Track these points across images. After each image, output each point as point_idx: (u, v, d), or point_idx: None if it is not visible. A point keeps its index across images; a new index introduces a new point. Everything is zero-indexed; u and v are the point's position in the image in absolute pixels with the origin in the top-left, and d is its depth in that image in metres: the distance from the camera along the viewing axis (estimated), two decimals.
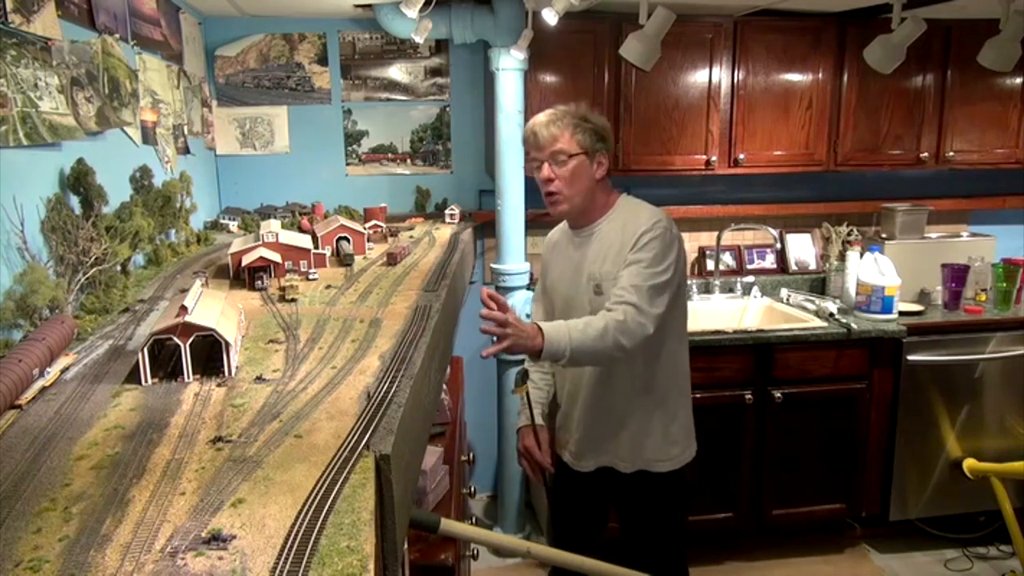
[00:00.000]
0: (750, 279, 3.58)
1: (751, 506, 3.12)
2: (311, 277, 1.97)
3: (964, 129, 3.37)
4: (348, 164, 3.41)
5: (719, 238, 3.54)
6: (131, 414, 1.10)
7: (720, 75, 3.16)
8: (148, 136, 2.27)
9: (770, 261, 3.72)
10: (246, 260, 1.89)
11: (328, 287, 1.87)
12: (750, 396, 3.00)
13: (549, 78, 3.09)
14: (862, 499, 3.20)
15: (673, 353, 1.96)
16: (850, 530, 3.28)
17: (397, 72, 3.35)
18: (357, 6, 3.00)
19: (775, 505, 3.13)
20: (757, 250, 3.72)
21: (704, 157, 3.21)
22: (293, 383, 1.21)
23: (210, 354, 1.28)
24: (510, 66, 2.92)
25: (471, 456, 2.92)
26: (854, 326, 3.03)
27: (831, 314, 3.17)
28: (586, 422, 2.00)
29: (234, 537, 0.77)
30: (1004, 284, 3.24)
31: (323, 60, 3.30)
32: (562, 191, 1.89)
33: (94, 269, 1.61)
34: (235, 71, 3.25)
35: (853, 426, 3.13)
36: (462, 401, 2.92)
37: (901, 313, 3.15)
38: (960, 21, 3.17)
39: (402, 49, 3.32)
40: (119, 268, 1.77)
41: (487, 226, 3.38)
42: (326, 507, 0.82)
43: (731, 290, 3.57)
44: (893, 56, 2.32)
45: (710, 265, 3.62)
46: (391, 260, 2.16)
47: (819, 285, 3.66)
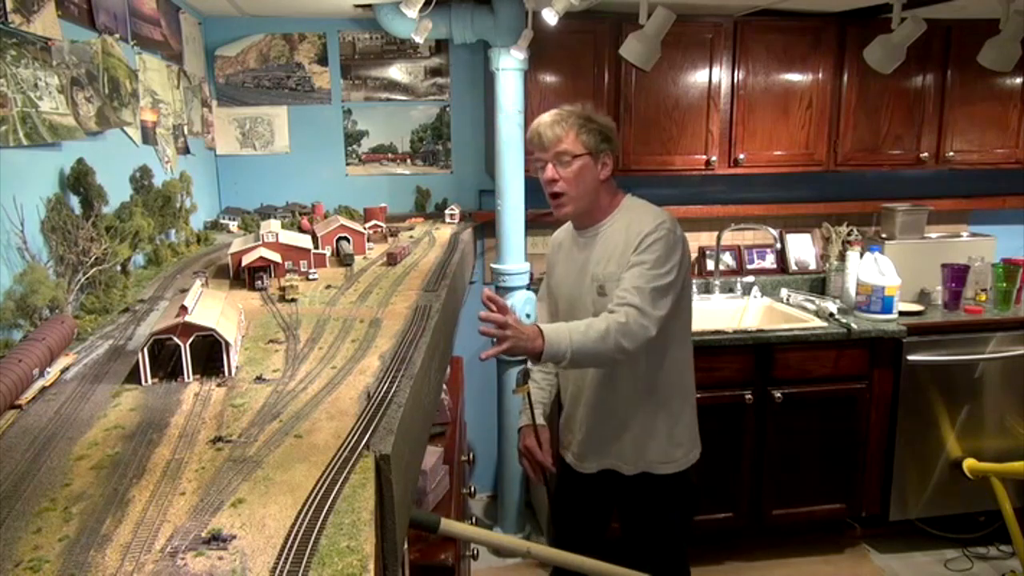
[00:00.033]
0: (750, 279, 3.58)
1: (751, 506, 3.12)
2: (311, 277, 1.97)
3: (964, 129, 3.37)
4: (348, 164, 3.41)
5: (719, 238, 3.54)
6: (131, 414, 1.10)
7: (720, 75, 3.16)
8: (148, 136, 2.27)
9: (770, 261, 3.72)
10: (246, 260, 1.89)
11: (328, 287, 1.87)
12: (750, 396, 3.00)
13: (549, 78, 3.09)
14: (862, 499, 3.20)
15: (677, 355, 1.95)
16: (850, 530, 3.28)
17: (397, 72, 3.35)
18: (357, 6, 3.00)
19: (775, 505, 3.13)
20: (757, 250, 3.72)
21: (704, 157, 3.21)
22: (293, 383, 1.21)
23: (210, 354, 1.28)
24: (510, 66, 2.91)
25: (471, 456, 2.92)
26: (854, 326, 3.03)
27: (831, 314, 3.17)
28: (589, 423, 2.00)
29: (234, 537, 0.77)
30: (1004, 284, 3.24)
31: (323, 60, 3.30)
32: (566, 192, 1.88)
33: (94, 269, 1.61)
34: (235, 71, 3.25)
35: (853, 426, 3.13)
36: (462, 401, 2.92)
37: (901, 313, 3.15)
38: (960, 21, 3.17)
39: (402, 49, 3.32)
40: (119, 268, 1.77)
41: (487, 226, 3.38)
42: (326, 507, 0.82)
43: (731, 290, 3.57)
44: (893, 56, 2.32)
45: (710, 265, 3.62)
46: (391, 260, 2.15)
47: (819, 285, 3.67)
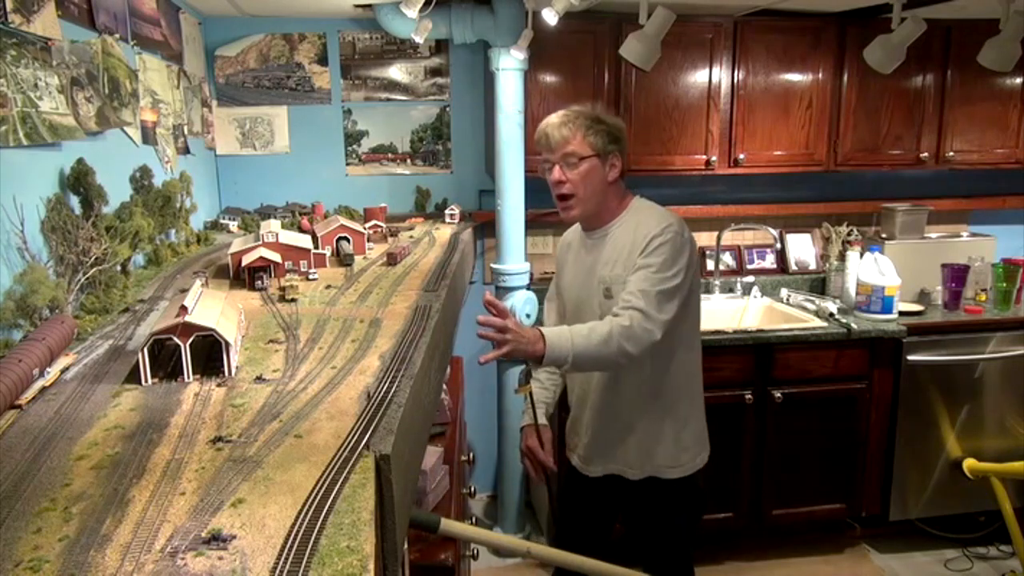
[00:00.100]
0: (750, 279, 3.58)
1: (751, 506, 3.12)
2: (311, 277, 1.97)
3: (964, 129, 3.37)
4: (348, 164, 3.41)
5: (719, 238, 3.54)
6: (131, 414, 1.10)
7: (720, 75, 3.16)
8: (148, 136, 2.27)
9: (770, 261, 3.72)
10: (246, 260, 1.89)
11: (328, 287, 1.87)
12: (750, 396, 3.00)
13: (549, 78, 3.10)
14: (862, 499, 3.20)
15: (684, 358, 1.92)
16: (850, 530, 3.28)
17: (397, 72, 3.35)
18: (357, 6, 3.00)
19: (775, 505, 3.14)
20: (757, 250, 3.72)
21: (704, 157, 3.21)
22: (293, 383, 1.21)
23: (210, 354, 1.28)
24: (510, 66, 2.91)
25: (471, 456, 2.92)
26: (854, 326, 3.03)
27: (831, 314, 3.17)
28: (595, 427, 1.98)
29: (234, 537, 0.77)
30: (1004, 284, 3.24)
31: (323, 60, 3.30)
32: (574, 194, 1.86)
33: (94, 269, 1.61)
34: (235, 71, 3.25)
35: (853, 426, 3.13)
36: (462, 401, 2.92)
37: (901, 313, 3.15)
38: (960, 21, 3.17)
39: (402, 49, 3.32)
40: (119, 268, 1.77)
41: (487, 226, 3.38)
42: (326, 507, 0.82)
43: (731, 290, 3.57)
44: (893, 56, 2.32)
45: (710, 265, 3.62)
46: (391, 260, 2.15)
47: (819, 285, 3.67)
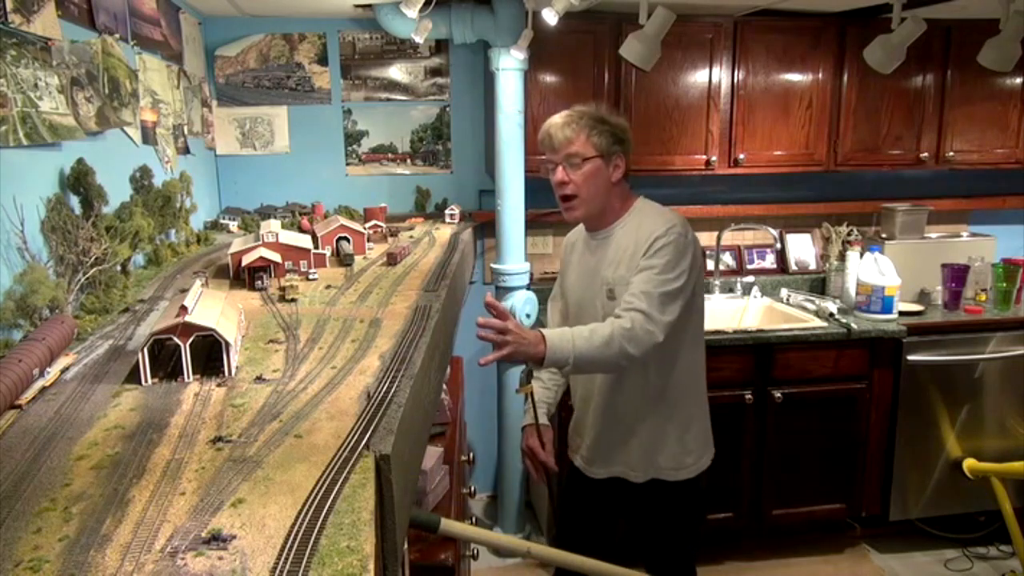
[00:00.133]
0: (750, 279, 3.58)
1: (751, 506, 3.12)
2: (311, 277, 1.97)
3: (964, 129, 3.37)
4: (348, 164, 3.41)
5: (719, 238, 3.54)
6: (131, 414, 1.10)
7: (720, 75, 3.16)
8: (148, 136, 2.27)
9: (770, 261, 3.72)
10: (246, 260, 1.89)
11: (328, 287, 1.87)
12: (750, 396, 3.00)
13: (549, 78, 3.10)
14: (862, 499, 3.20)
15: (688, 360, 1.91)
16: (850, 530, 3.28)
17: (397, 72, 3.35)
18: (357, 6, 3.00)
19: (775, 505, 3.13)
20: (757, 250, 3.72)
21: (704, 157, 3.21)
22: (293, 383, 1.21)
23: (210, 354, 1.28)
24: (510, 66, 2.91)
25: (471, 456, 2.92)
26: (854, 326, 3.03)
27: (831, 314, 3.17)
28: (598, 428, 1.97)
29: (234, 537, 0.77)
30: (1004, 284, 3.24)
31: (323, 60, 3.30)
32: (576, 195, 1.85)
33: (94, 269, 1.61)
34: (235, 71, 3.25)
35: (853, 426, 3.13)
36: (462, 401, 2.92)
37: (901, 313, 3.15)
38: (960, 21, 3.17)
39: (402, 49, 3.32)
40: (119, 268, 1.77)
41: (487, 226, 3.38)
42: (326, 507, 0.82)
43: (731, 290, 3.57)
44: (893, 56, 2.31)
45: (710, 265, 3.62)
46: (391, 260, 2.15)
47: (819, 285, 3.66)
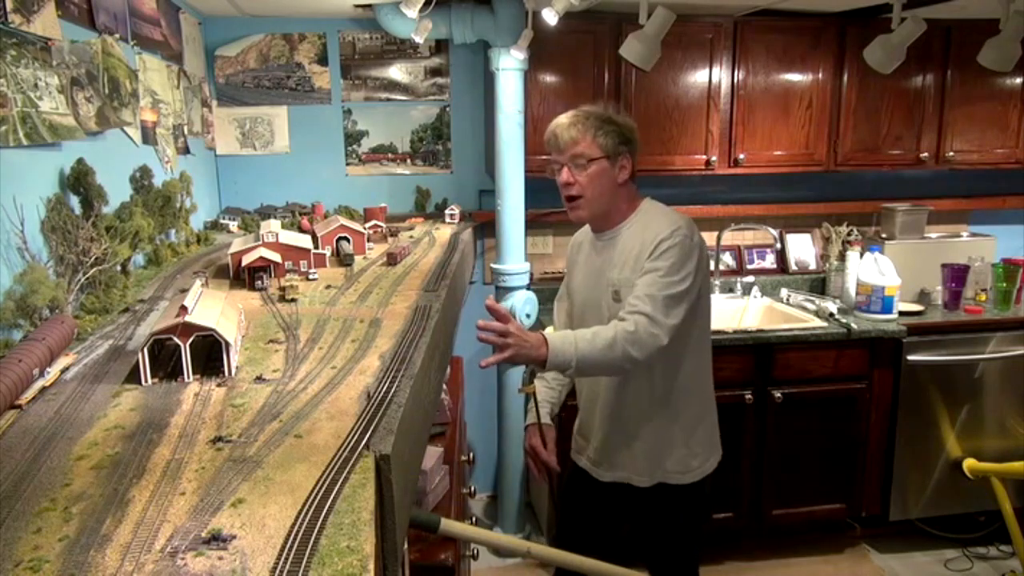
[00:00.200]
0: (750, 279, 3.58)
1: (751, 506, 3.12)
2: (311, 277, 1.97)
3: (964, 129, 3.37)
4: (348, 164, 3.41)
5: (719, 238, 3.54)
6: (131, 414, 1.10)
7: (720, 75, 3.16)
8: (148, 136, 2.27)
9: (770, 261, 3.72)
10: (246, 260, 1.89)
11: (328, 287, 1.87)
12: (750, 396, 3.00)
13: (549, 78, 3.10)
14: (862, 499, 3.20)
15: (694, 363, 1.90)
16: (850, 530, 3.28)
17: (397, 72, 3.35)
18: (357, 6, 3.00)
19: (775, 505, 3.13)
20: (757, 250, 3.72)
21: (704, 157, 3.21)
22: (293, 383, 1.21)
23: (210, 354, 1.28)
24: (510, 66, 2.91)
25: (471, 456, 2.91)
26: (854, 326, 3.03)
27: (831, 314, 3.17)
28: (604, 431, 1.96)
29: (234, 537, 0.77)
30: (1004, 284, 3.24)
31: (323, 60, 3.30)
32: (582, 195, 1.85)
33: (94, 269, 1.61)
34: (235, 71, 3.25)
35: (853, 426, 3.13)
36: (462, 401, 2.92)
37: (901, 313, 3.15)
38: (960, 21, 3.17)
39: (402, 49, 3.32)
40: (119, 268, 1.77)
41: (487, 226, 3.38)
42: (326, 507, 0.82)
43: (731, 290, 3.57)
44: (893, 56, 2.31)
45: (710, 265, 3.62)
46: (391, 260, 2.15)
47: (819, 285, 3.66)
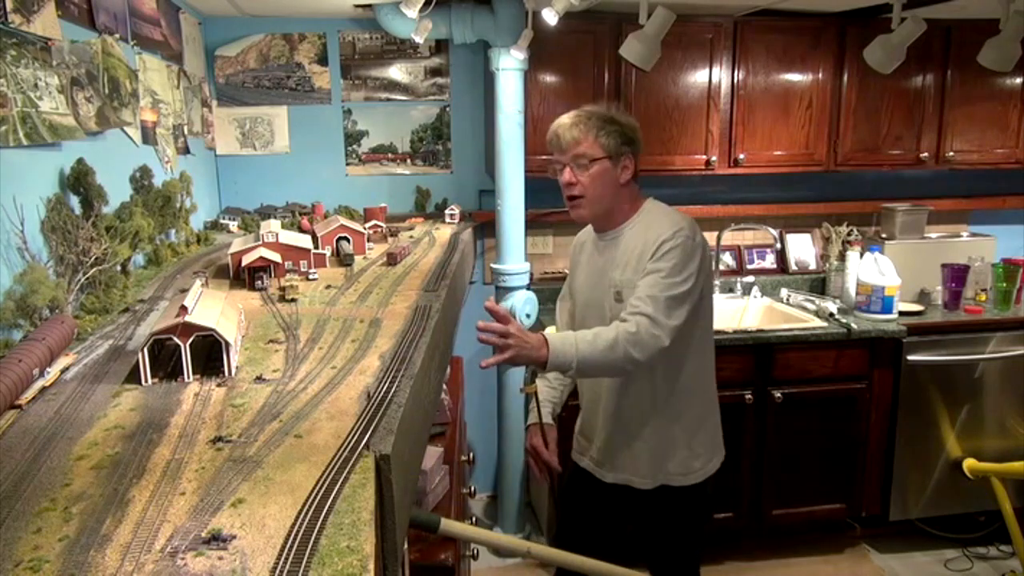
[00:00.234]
0: (750, 279, 3.58)
1: (751, 506, 3.12)
2: (311, 277, 1.97)
3: (964, 129, 3.37)
4: (348, 164, 3.41)
5: (719, 238, 3.54)
6: (131, 414, 1.10)
7: (720, 75, 3.16)
8: (148, 136, 2.27)
9: (770, 261, 3.72)
10: (246, 260, 1.89)
11: (328, 287, 1.87)
12: (750, 396, 3.00)
13: (549, 78, 3.10)
14: (862, 499, 3.20)
15: (696, 364, 1.90)
16: (850, 530, 3.28)
17: (397, 72, 3.35)
18: (357, 6, 3.00)
19: (775, 505, 3.13)
20: (757, 250, 3.72)
21: (704, 157, 3.21)
22: (293, 383, 1.21)
23: (210, 354, 1.28)
24: (510, 66, 2.91)
25: (471, 456, 2.91)
26: (854, 326, 3.03)
27: (831, 314, 3.17)
28: (607, 431, 1.95)
29: (234, 537, 0.77)
30: (1004, 284, 3.24)
31: (323, 60, 3.30)
32: (583, 195, 1.84)
33: (94, 269, 1.61)
34: (235, 71, 3.25)
35: (853, 426, 3.13)
36: (462, 401, 2.92)
37: (901, 313, 3.15)
38: (960, 21, 3.17)
39: (402, 49, 3.32)
40: (119, 268, 1.77)
41: (487, 226, 3.38)
42: (326, 507, 0.82)
43: (731, 290, 3.57)
44: (893, 56, 2.31)
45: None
46: (391, 260, 2.15)
47: (819, 285, 3.66)
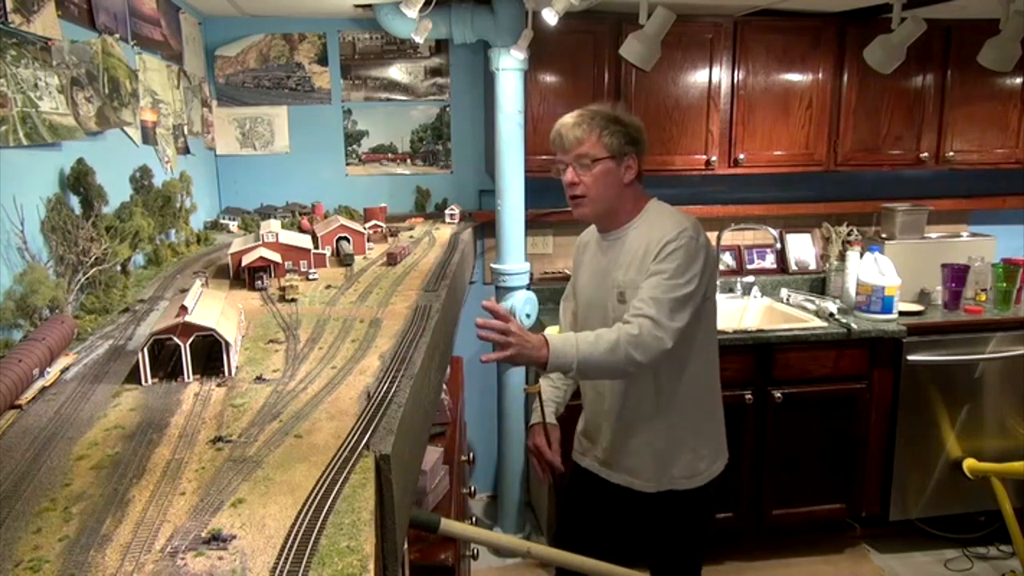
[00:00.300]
0: (750, 279, 3.58)
1: (751, 506, 3.12)
2: (311, 277, 1.97)
3: (964, 129, 3.37)
4: (348, 164, 3.41)
5: (719, 238, 3.54)
6: (131, 414, 1.10)
7: (720, 75, 3.16)
8: (148, 136, 2.27)
9: (770, 261, 3.72)
10: (246, 260, 1.89)
11: (328, 287, 1.86)
12: (750, 396, 3.00)
13: (549, 78, 3.10)
14: (862, 499, 3.21)
15: (700, 366, 1.89)
16: (850, 530, 3.28)
17: (397, 72, 3.35)
18: (357, 6, 3.00)
19: (775, 505, 3.14)
20: (757, 250, 3.72)
21: (704, 157, 3.21)
22: (293, 383, 1.21)
23: (210, 354, 1.28)
24: (510, 66, 2.91)
25: (471, 456, 2.91)
26: (854, 326, 3.03)
27: (831, 314, 3.17)
28: (611, 433, 1.94)
29: (234, 537, 0.77)
30: (1004, 284, 3.24)
31: (323, 60, 3.30)
32: (586, 195, 1.83)
33: (94, 269, 1.61)
34: (235, 71, 3.25)
35: (853, 426, 3.13)
36: (462, 401, 2.92)
37: (901, 313, 3.15)
38: (960, 21, 3.17)
39: (402, 49, 3.32)
40: (119, 268, 1.77)
41: (487, 226, 3.38)
42: (326, 507, 0.82)
43: (731, 290, 3.57)
44: (893, 56, 2.32)
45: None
46: (391, 260, 2.15)
47: (819, 285, 3.67)
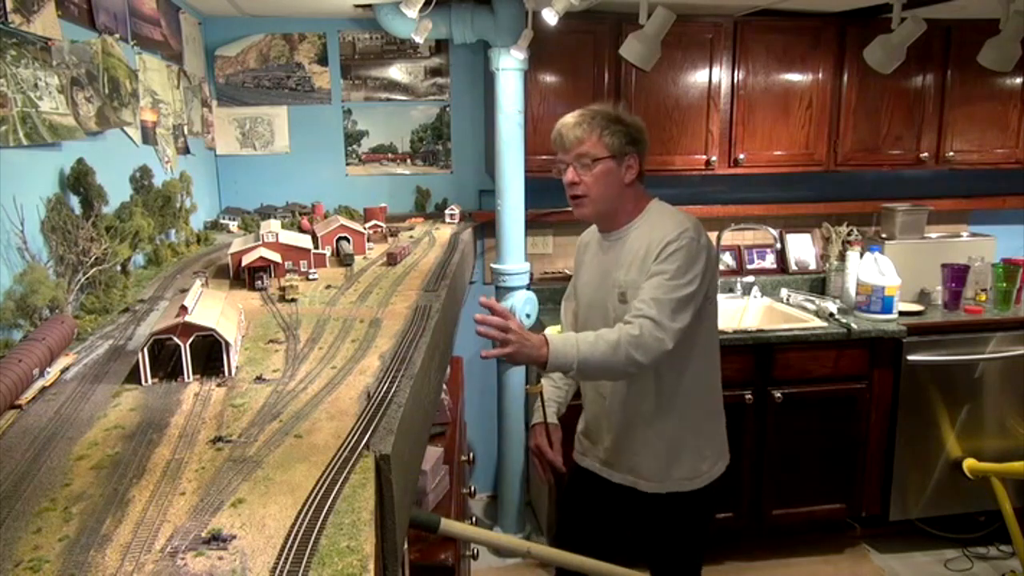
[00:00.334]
0: (750, 279, 3.58)
1: (751, 506, 3.12)
2: (311, 277, 1.97)
3: (964, 129, 3.37)
4: (348, 164, 3.41)
5: (719, 238, 3.54)
6: (131, 414, 1.10)
7: (720, 75, 3.16)
8: (148, 136, 2.27)
9: (770, 261, 3.72)
10: (246, 260, 1.89)
11: (328, 287, 1.86)
12: (750, 396, 3.00)
13: (549, 78, 3.10)
14: (862, 499, 3.21)
15: (701, 366, 1.89)
16: (850, 530, 3.28)
17: (397, 72, 3.35)
18: (357, 6, 3.00)
19: (775, 505, 3.14)
20: (757, 250, 3.72)
21: (704, 157, 3.21)
22: (293, 383, 1.21)
23: (210, 354, 1.28)
24: (510, 66, 2.91)
25: (471, 456, 2.91)
26: (854, 326, 3.03)
27: (831, 314, 3.17)
28: (613, 433, 1.94)
29: (234, 537, 0.77)
30: (1004, 284, 3.24)
31: (323, 60, 3.30)
32: (586, 195, 1.83)
33: (94, 269, 1.61)
34: (235, 71, 3.25)
35: (853, 426, 3.13)
36: (462, 401, 2.92)
37: (901, 313, 3.15)
38: (960, 21, 3.17)
39: (402, 49, 3.32)
40: (119, 268, 1.77)
41: (487, 226, 3.38)
42: (326, 507, 0.82)
43: (731, 290, 3.57)
44: (893, 56, 2.32)
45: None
46: (391, 260, 2.15)
47: (819, 285, 3.67)
